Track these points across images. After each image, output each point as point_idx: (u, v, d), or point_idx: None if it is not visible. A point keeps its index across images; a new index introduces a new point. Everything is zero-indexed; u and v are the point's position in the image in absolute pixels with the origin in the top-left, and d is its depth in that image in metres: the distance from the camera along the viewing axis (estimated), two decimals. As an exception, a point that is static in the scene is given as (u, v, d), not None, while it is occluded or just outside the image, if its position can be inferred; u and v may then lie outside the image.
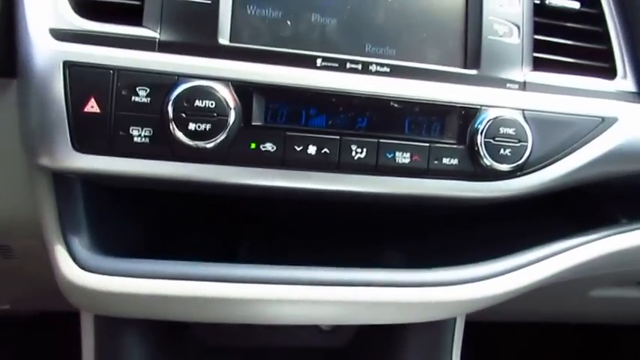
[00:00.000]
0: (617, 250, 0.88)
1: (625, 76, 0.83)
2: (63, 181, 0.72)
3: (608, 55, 0.84)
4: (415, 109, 0.74)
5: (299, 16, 0.73)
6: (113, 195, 0.80)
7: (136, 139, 0.66)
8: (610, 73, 0.84)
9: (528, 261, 0.82)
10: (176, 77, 0.67)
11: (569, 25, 0.83)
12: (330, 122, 0.72)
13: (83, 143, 0.66)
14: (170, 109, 0.66)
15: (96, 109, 0.65)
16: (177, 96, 0.66)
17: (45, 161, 0.67)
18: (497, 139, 0.74)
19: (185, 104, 0.66)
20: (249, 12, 0.71)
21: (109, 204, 0.81)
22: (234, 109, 0.68)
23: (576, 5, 0.82)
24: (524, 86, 0.78)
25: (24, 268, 1.01)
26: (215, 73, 0.68)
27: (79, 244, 0.70)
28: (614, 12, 0.84)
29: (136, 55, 0.67)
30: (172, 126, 0.66)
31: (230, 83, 0.68)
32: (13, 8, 0.68)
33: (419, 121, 0.74)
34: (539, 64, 0.80)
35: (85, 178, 0.73)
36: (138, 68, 0.67)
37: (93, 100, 0.66)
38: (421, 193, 0.76)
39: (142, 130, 0.66)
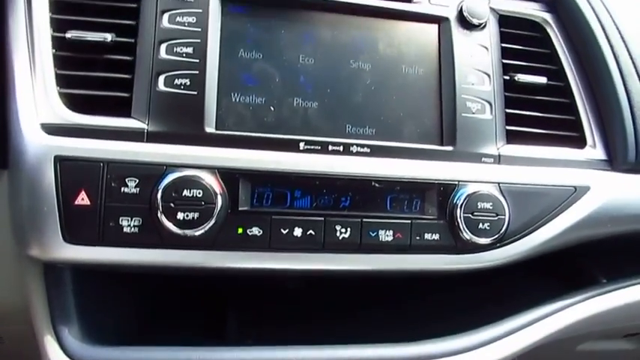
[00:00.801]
0: (599, 312, 0.91)
1: (594, 145, 0.87)
2: (53, 270, 0.73)
3: (577, 125, 0.88)
4: (396, 187, 0.77)
5: (281, 101, 0.76)
6: (103, 279, 0.81)
7: (125, 229, 0.68)
8: (580, 142, 0.88)
9: (512, 329, 0.83)
10: (164, 167, 0.69)
11: (538, 98, 0.88)
12: (314, 203, 0.75)
13: (73, 235, 0.67)
14: (159, 199, 0.68)
15: (86, 202, 0.67)
16: (166, 186, 0.68)
17: (35, 252, 0.68)
18: (475, 214, 0.77)
19: (173, 194, 0.68)
20: (233, 100, 0.75)
21: (99, 288, 0.81)
22: (221, 195, 0.70)
23: (543, 80, 0.87)
24: (498, 159, 0.82)
25: (13, 352, 1.00)
26: (202, 162, 0.71)
27: (69, 334, 0.71)
28: (579, 85, 0.89)
29: (125, 146, 0.70)
30: (161, 216, 0.68)
31: (217, 171, 0.71)
32: (5, 102, 0.71)
33: (400, 198, 0.77)
34: (512, 137, 0.84)
35: (75, 267, 0.74)
36: (127, 160, 0.69)
37: (83, 192, 0.68)
38: (405, 268, 0.78)
39: (131, 220, 0.68)
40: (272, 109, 0.76)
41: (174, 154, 0.70)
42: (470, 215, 0.77)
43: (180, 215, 0.68)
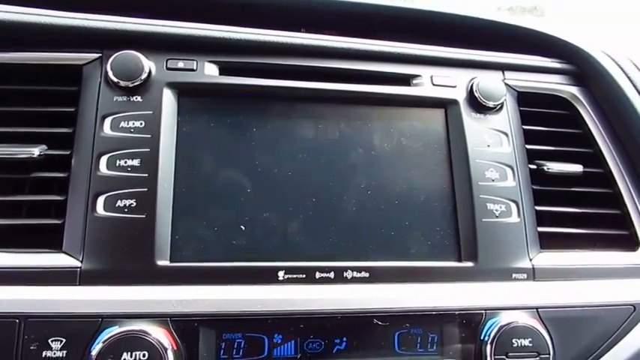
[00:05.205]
0: None
1: (649, 245, 0.70)
2: None
3: (625, 221, 0.71)
4: (405, 323, 0.60)
5: (255, 218, 0.61)
6: None
7: (46, 410, 0.51)
8: (631, 242, 0.71)
9: None
10: (99, 321, 0.53)
11: (574, 190, 0.71)
12: (300, 351, 0.58)
13: None
14: None
15: (-5, 374, 0.51)
16: (101, 348, 0.52)
17: None
18: (510, 354, 0.59)
19: (109, 359, 0.51)
20: (193, 219, 0.59)
21: None
22: (174, 353, 0.53)
23: (578, 168, 0.71)
24: (533, 274, 0.64)
25: None
26: (150, 309, 0.55)
27: None
28: (623, 170, 0.73)
29: (50, 293, 0.54)
30: None
31: (169, 320, 0.54)
32: None
33: (411, 336, 0.60)
34: (546, 241, 0.68)
35: None
36: (51, 313, 0.53)
37: (-8, 361, 0.51)
38: None
39: (54, 396, 0.52)
40: (243, 228, 0.60)
41: (113, 301, 0.54)
42: (504, 357, 0.59)
43: (118, 387, 0.51)
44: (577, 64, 0.77)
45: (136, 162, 0.59)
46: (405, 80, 0.71)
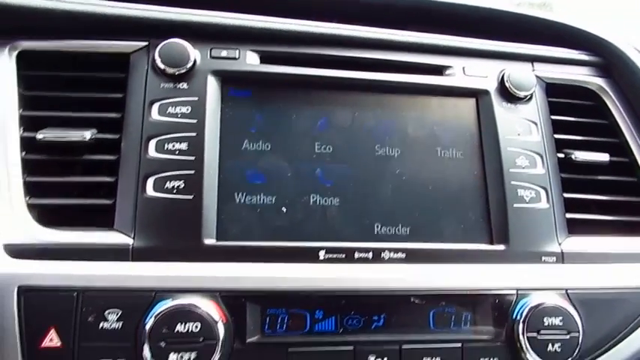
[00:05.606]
0: None
1: (674, 232, 0.72)
2: None
3: None
4: (440, 302, 0.62)
5: (295, 200, 0.63)
6: None
7: (104, 376, 0.54)
8: (655, 228, 0.73)
9: None
10: (153, 294, 0.56)
11: (600, 178, 0.73)
12: (340, 326, 0.61)
13: (39, 388, 0.54)
14: (146, 337, 0.54)
15: (56, 343, 0.54)
16: (155, 319, 0.55)
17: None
18: (542, 332, 0.62)
19: (164, 330, 0.54)
20: (237, 202, 0.62)
21: None
22: (224, 325, 0.56)
23: (605, 157, 0.73)
24: (562, 258, 0.67)
25: None
26: (200, 284, 0.57)
27: None
28: (647, 159, 0.75)
29: (105, 269, 0.57)
30: (149, 358, 0.54)
31: (218, 294, 0.57)
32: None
33: (446, 315, 0.63)
34: (574, 227, 0.70)
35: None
36: (107, 287, 0.56)
37: (53, 331, 0.54)
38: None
39: (111, 363, 0.54)
40: (284, 210, 0.63)
41: (165, 277, 0.57)
42: (535, 335, 0.61)
43: (173, 357, 0.54)
44: (604, 56, 0.79)
45: (183, 145, 0.61)
46: (438, 70, 0.73)
